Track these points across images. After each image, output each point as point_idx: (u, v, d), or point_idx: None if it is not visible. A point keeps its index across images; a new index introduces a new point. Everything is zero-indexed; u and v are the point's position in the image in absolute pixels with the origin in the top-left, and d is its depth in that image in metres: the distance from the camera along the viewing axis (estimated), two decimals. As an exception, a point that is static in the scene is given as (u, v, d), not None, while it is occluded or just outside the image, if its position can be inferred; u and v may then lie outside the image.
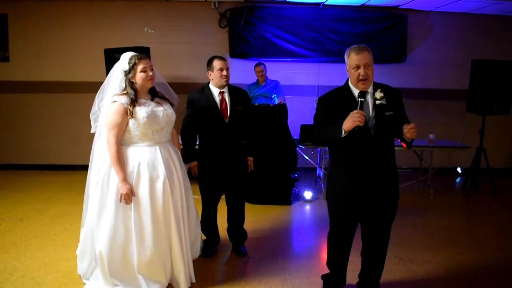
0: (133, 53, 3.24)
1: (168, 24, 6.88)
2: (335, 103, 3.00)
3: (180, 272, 3.32)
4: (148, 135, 3.21)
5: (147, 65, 3.20)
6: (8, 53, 6.81)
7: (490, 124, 6.51)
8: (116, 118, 3.10)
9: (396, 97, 3.01)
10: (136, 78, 3.18)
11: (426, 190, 6.21)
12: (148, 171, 3.17)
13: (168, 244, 3.28)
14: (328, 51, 6.96)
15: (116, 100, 3.13)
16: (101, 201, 3.19)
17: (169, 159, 3.32)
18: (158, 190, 3.20)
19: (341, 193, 3.04)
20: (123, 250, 3.16)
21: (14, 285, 3.43)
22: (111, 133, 3.10)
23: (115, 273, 3.19)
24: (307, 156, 6.82)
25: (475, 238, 4.63)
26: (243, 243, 4.19)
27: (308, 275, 3.72)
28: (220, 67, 3.73)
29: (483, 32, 7.13)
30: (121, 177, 3.09)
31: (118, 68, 3.23)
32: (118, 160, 3.09)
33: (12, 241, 4.25)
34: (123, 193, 3.07)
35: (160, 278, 3.28)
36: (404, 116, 3.04)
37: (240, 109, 3.87)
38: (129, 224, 3.15)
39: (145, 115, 3.14)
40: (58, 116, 6.99)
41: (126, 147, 3.21)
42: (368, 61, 2.87)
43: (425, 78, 7.22)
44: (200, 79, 6.80)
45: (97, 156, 3.32)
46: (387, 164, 3.02)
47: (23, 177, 6.63)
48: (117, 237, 3.14)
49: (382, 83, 3.04)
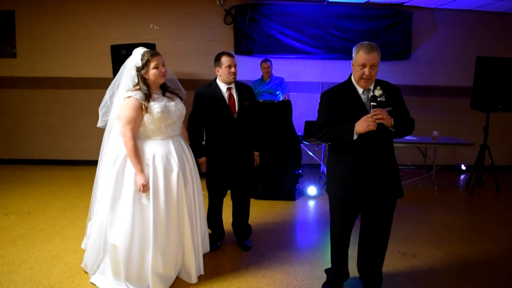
0: (145, 49, 3.28)
1: (174, 21, 6.92)
2: (339, 99, 3.04)
3: (191, 263, 3.41)
4: (162, 129, 3.28)
5: (160, 61, 3.25)
6: (15, 49, 6.88)
7: (494, 121, 6.52)
8: (132, 113, 3.15)
9: (395, 93, 3.04)
10: (149, 74, 3.23)
11: (430, 187, 6.23)
12: (163, 163, 3.24)
13: (181, 236, 3.35)
14: (332, 48, 6.98)
15: (131, 96, 3.18)
16: (115, 194, 3.24)
17: (181, 152, 3.39)
18: (172, 182, 3.27)
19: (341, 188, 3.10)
20: (140, 243, 3.21)
21: (22, 276, 3.49)
22: (127, 128, 3.16)
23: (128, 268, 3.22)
24: (311, 152, 6.85)
25: (478, 234, 4.65)
26: (248, 237, 4.23)
27: (311, 269, 3.76)
28: (229, 64, 3.76)
29: (488, 29, 7.13)
30: (138, 170, 3.16)
31: (130, 64, 3.27)
32: (135, 153, 3.16)
33: (20, 234, 4.32)
34: (140, 184, 3.14)
35: (170, 272, 3.35)
36: (405, 111, 3.07)
37: (247, 105, 3.91)
38: (147, 216, 3.20)
39: (159, 109, 3.21)
40: (65, 112, 7.05)
41: (140, 141, 3.27)
42: (375, 62, 2.90)
43: (430, 75, 7.23)
44: (205, 76, 6.85)
45: (110, 149, 3.39)
46: (386, 159, 3.05)
47: (30, 172, 6.71)
48: (135, 231, 3.19)
49: (382, 80, 3.07)
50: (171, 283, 3.39)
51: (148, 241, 3.21)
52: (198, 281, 3.46)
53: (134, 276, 3.25)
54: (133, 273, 3.24)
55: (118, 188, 3.23)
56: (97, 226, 3.41)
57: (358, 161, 3.00)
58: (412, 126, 3.06)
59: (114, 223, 3.24)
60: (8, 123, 7.07)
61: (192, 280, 3.44)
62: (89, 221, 3.61)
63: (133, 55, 3.28)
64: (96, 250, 3.43)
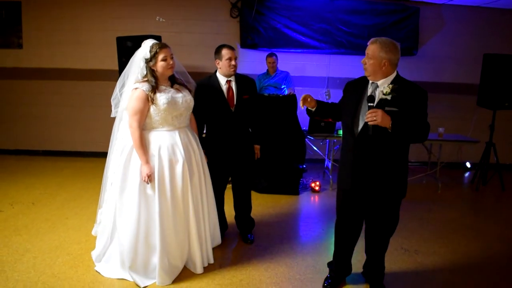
0: (154, 41, 3.32)
1: (180, 14, 6.91)
2: (348, 90, 3.18)
3: (197, 254, 3.45)
4: (168, 120, 3.31)
5: (168, 54, 3.29)
6: (21, 40, 6.88)
7: (500, 119, 6.47)
8: (138, 104, 3.20)
9: (417, 96, 2.92)
10: (157, 66, 3.27)
11: (434, 184, 6.21)
12: (168, 154, 3.28)
13: (186, 227, 3.39)
14: (339, 43, 6.94)
15: (138, 87, 3.23)
16: (122, 183, 3.30)
17: (188, 143, 3.42)
18: (177, 173, 3.31)
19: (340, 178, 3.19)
20: (145, 233, 3.26)
21: (26, 265, 3.51)
22: (133, 118, 3.21)
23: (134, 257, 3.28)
24: (316, 147, 6.84)
25: (482, 232, 4.64)
26: (251, 230, 4.24)
27: (313, 263, 3.77)
28: (229, 57, 3.76)
29: (495, 26, 7.06)
30: (144, 160, 3.20)
31: (139, 56, 3.32)
32: (141, 144, 3.21)
33: (24, 224, 4.34)
34: (145, 175, 3.17)
35: (176, 262, 3.39)
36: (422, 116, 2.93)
37: (246, 98, 3.90)
38: (152, 207, 3.25)
39: (165, 101, 3.24)
40: (70, 103, 7.06)
41: (147, 132, 3.31)
42: (370, 53, 2.90)
43: (436, 71, 7.19)
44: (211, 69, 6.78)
45: (119, 139, 3.43)
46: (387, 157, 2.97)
47: (34, 163, 6.73)
48: (140, 221, 3.24)
49: (409, 81, 2.97)
50: (177, 274, 3.42)
51: (154, 231, 3.25)
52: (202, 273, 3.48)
53: (140, 265, 3.30)
54: (139, 262, 3.30)
55: (124, 178, 3.29)
56: (106, 214, 3.47)
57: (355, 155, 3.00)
58: (422, 134, 2.92)
59: (122, 211, 3.30)
60: (14, 114, 7.09)
61: (197, 270, 3.48)
62: (99, 208, 3.65)
63: (142, 47, 3.32)
64: (105, 237, 3.49)
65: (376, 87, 2.96)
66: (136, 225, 3.24)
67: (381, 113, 2.76)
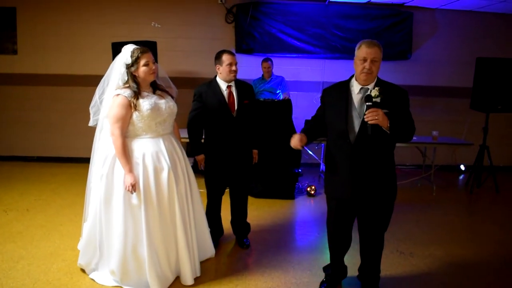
0: (135, 46, 3.23)
1: (175, 19, 6.93)
2: (330, 95, 3.10)
3: (186, 265, 3.33)
4: (152, 127, 3.23)
5: (150, 59, 3.20)
6: (16, 46, 6.88)
7: (493, 121, 6.52)
8: (120, 111, 3.11)
9: (400, 96, 2.99)
10: (139, 72, 3.18)
11: (429, 187, 6.24)
12: (153, 162, 3.19)
13: (174, 236, 3.29)
14: (333, 48, 6.98)
15: (119, 93, 3.14)
16: (106, 194, 3.20)
17: (172, 150, 3.35)
18: (163, 181, 3.22)
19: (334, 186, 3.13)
20: (133, 244, 3.18)
21: (21, 272, 3.49)
22: (115, 126, 3.12)
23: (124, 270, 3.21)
24: (311, 151, 6.86)
25: (477, 234, 4.66)
26: (246, 235, 4.24)
27: (309, 267, 3.77)
28: (230, 62, 3.76)
29: (488, 30, 7.13)
30: (127, 169, 3.11)
31: (120, 61, 3.22)
32: (124, 152, 3.11)
33: (19, 231, 4.32)
34: (129, 184, 3.08)
35: (166, 272, 3.31)
36: (408, 116, 2.98)
37: (247, 103, 3.91)
38: (138, 217, 3.16)
39: (148, 107, 3.16)
40: (65, 109, 7.05)
41: (130, 140, 3.22)
42: (376, 56, 2.89)
43: (430, 75, 7.24)
44: (206, 74, 6.84)
45: (100, 149, 3.34)
46: (381, 161, 3.01)
47: (29, 169, 6.71)
48: (128, 232, 3.16)
49: (389, 82, 3.03)
50: (169, 284, 3.34)
51: (142, 242, 3.17)
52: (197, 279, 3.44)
53: (132, 277, 3.23)
54: (131, 274, 3.22)
55: (108, 189, 3.19)
56: (90, 227, 3.37)
57: (352, 161, 2.98)
58: (411, 132, 2.97)
59: (108, 225, 3.21)
60: (8, 120, 7.08)
61: (187, 282, 3.36)
62: (84, 222, 3.57)
63: (122, 52, 3.22)
64: (91, 251, 3.40)
65: (366, 90, 2.97)
66: (123, 239, 3.15)
67: (381, 112, 2.79)
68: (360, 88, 2.98)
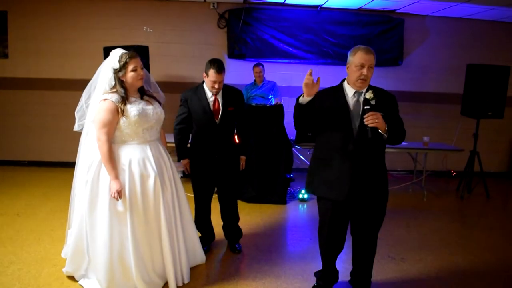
0: (123, 51, 3.19)
1: (167, 24, 6.93)
2: (323, 99, 3.06)
3: (170, 272, 3.29)
4: (139, 133, 3.21)
5: (138, 64, 3.17)
6: (7, 49, 6.84)
7: (484, 128, 6.59)
8: (107, 116, 3.08)
9: (390, 101, 3.06)
10: (127, 77, 3.15)
11: (420, 192, 6.27)
12: (139, 169, 3.16)
13: (159, 243, 3.26)
14: (325, 54, 7.03)
15: (106, 98, 3.10)
16: (91, 201, 3.16)
17: (159, 157, 3.33)
18: (149, 188, 3.19)
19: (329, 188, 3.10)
20: (120, 252, 3.15)
21: (11, 278, 3.46)
22: (102, 131, 3.08)
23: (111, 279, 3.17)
24: (303, 157, 6.88)
25: (467, 240, 4.69)
26: (238, 240, 4.24)
27: (301, 272, 3.77)
28: (213, 80, 3.70)
29: (479, 37, 7.22)
30: (113, 176, 3.07)
31: (107, 65, 3.18)
32: (110, 158, 3.07)
33: (9, 236, 4.28)
34: (115, 191, 3.05)
35: (154, 279, 3.29)
36: (398, 120, 3.06)
37: (232, 110, 3.88)
38: (124, 224, 3.13)
39: (136, 113, 3.13)
40: (56, 114, 7.00)
41: (116, 146, 3.19)
42: (372, 63, 2.95)
43: (421, 81, 7.30)
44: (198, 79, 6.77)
45: (85, 155, 3.31)
46: (376, 163, 3.07)
47: (20, 173, 6.66)
48: (113, 240, 3.12)
49: (377, 87, 3.08)
50: None
51: (128, 250, 3.14)
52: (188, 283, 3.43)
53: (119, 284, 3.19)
54: (118, 281, 3.18)
55: (94, 195, 3.15)
56: (76, 234, 3.31)
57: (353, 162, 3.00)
58: (402, 135, 3.04)
59: (93, 232, 3.17)
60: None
61: None
62: (69, 229, 3.52)
63: (110, 56, 3.19)
64: (79, 257, 3.33)
65: (360, 94, 3.01)
66: (109, 245, 3.11)
67: (380, 115, 2.83)
68: (354, 92, 3.02)
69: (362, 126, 2.92)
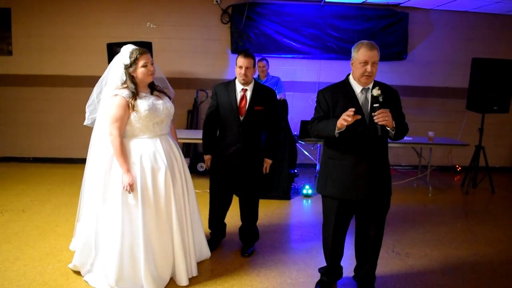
0: (134, 47, 3.24)
1: (170, 20, 6.92)
2: (335, 96, 3.05)
3: (181, 265, 3.32)
4: (149, 127, 3.25)
5: (148, 60, 3.21)
6: (11, 47, 6.86)
7: (489, 122, 6.56)
8: (119, 111, 3.12)
9: (393, 96, 3.06)
10: (137, 73, 3.20)
11: (425, 187, 6.25)
12: (150, 162, 3.20)
13: (171, 237, 3.29)
14: (329, 48, 7.00)
15: (118, 94, 3.15)
16: (103, 194, 3.21)
17: (169, 151, 3.36)
18: (160, 181, 3.22)
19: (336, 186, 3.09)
20: (130, 245, 3.17)
21: (17, 273, 3.48)
22: (114, 126, 3.13)
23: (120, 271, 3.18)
24: (307, 152, 6.87)
25: (472, 235, 4.67)
26: (253, 244, 4.11)
27: (305, 267, 3.77)
28: (240, 65, 3.65)
29: (484, 30, 7.17)
30: (125, 169, 3.12)
31: (118, 61, 3.23)
32: (122, 152, 3.13)
33: (14, 232, 4.31)
34: (127, 184, 3.09)
35: (163, 273, 3.30)
36: (401, 115, 3.06)
37: (259, 109, 3.75)
38: (135, 217, 3.15)
39: (146, 108, 3.17)
40: (60, 110, 7.03)
41: (127, 140, 3.24)
42: (376, 59, 2.93)
43: (426, 76, 7.26)
44: (201, 75, 6.87)
45: (97, 149, 3.35)
46: (381, 160, 3.07)
47: (24, 170, 6.69)
48: (124, 232, 3.15)
49: (381, 82, 3.08)
50: (164, 285, 3.33)
51: (138, 243, 3.16)
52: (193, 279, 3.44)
53: (127, 279, 3.20)
54: (126, 276, 3.20)
55: (105, 188, 3.20)
56: (86, 227, 3.36)
57: (356, 160, 3.00)
58: (406, 131, 3.05)
59: (104, 224, 3.21)
60: (3, 121, 7.04)
61: (182, 282, 3.34)
62: (78, 222, 3.56)
63: (121, 52, 3.23)
64: (86, 251, 3.37)
65: (367, 91, 3.00)
66: (120, 239, 3.13)
67: (389, 112, 2.82)
68: (362, 89, 3.02)
69: (372, 124, 2.90)
